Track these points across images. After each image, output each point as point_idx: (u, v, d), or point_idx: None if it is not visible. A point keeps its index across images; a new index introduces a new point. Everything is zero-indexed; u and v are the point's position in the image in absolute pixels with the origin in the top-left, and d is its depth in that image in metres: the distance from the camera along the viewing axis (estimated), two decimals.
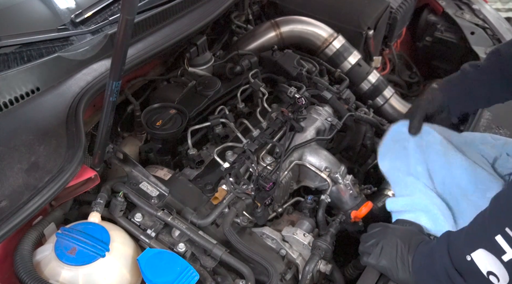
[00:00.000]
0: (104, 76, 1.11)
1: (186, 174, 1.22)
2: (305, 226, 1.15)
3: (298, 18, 1.75)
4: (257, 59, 1.59)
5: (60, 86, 1.07)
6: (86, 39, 1.20)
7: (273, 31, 1.71)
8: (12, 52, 1.08)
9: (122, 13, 0.74)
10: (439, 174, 1.11)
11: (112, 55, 0.81)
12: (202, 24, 1.40)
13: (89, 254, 0.87)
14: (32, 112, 0.99)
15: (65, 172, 0.89)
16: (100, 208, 0.98)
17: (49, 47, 1.14)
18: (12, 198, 0.84)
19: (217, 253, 0.99)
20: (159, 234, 1.02)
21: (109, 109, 0.88)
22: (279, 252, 1.11)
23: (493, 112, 1.44)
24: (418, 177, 1.11)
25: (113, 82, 0.84)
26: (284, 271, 1.07)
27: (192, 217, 1.05)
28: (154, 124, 1.20)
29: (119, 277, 0.90)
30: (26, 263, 0.83)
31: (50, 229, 0.94)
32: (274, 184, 1.17)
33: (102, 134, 0.93)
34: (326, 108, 1.45)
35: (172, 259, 0.93)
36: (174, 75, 1.48)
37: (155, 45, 1.26)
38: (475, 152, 1.17)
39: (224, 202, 1.10)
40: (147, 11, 1.30)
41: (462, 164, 1.11)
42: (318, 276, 1.11)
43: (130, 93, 1.33)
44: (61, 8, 1.27)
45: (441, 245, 0.85)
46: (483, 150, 1.17)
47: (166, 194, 1.08)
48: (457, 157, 1.13)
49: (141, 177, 1.10)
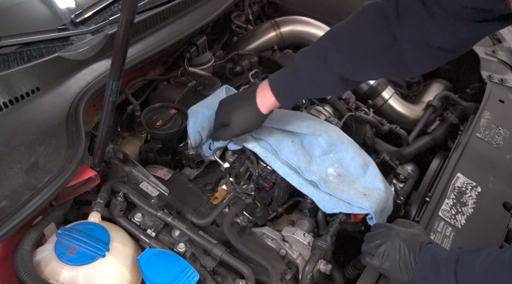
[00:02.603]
0: (104, 76, 1.10)
1: (186, 174, 1.22)
2: (305, 226, 1.15)
3: (298, 18, 1.75)
4: (257, 59, 1.59)
5: (60, 86, 1.07)
6: (86, 39, 1.20)
7: (273, 31, 1.71)
8: (12, 52, 1.08)
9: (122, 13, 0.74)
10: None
11: (112, 55, 0.81)
12: (202, 24, 1.40)
13: (89, 254, 0.87)
14: (32, 112, 0.99)
15: (65, 172, 0.89)
16: (100, 208, 0.98)
17: (49, 47, 1.14)
18: (12, 198, 0.84)
19: (217, 253, 0.99)
20: (159, 234, 1.02)
21: (109, 109, 0.88)
22: (279, 252, 1.11)
23: (493, 112, 1.44)
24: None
25: (113, 82, 0.83)
26: (284, 271, 1.07)
27: (192, 217, 1.05)
28: (154, 124, 1.20)
29: (119, 277, 0.90)
30: (26, 263, 0.83)
31: (50, 229, 0.94)
32: (274, 184, 1.17)
33: (102, 134, 0.93)
34: (326, 108, 1.45)
35: (172, 259, 0.93)
36: (174, 75, 1.48)
37: (155, 45, 1.26)
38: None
39: (224, 202, 1.10)
40: (147, 11, 1.30)
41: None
42: (318, 276, 1.11)
43: (130, 93, 1.33)
44: (61, 8, 1.27)
45: (448, 264, 0.83)
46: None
47: (166, 194, 1.08)
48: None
49: (141, 177, 1.10)
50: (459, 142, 1.35)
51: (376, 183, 1.17)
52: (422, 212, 1.12)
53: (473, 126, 1.38)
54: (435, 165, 1.41)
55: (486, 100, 1.49)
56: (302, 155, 1.16)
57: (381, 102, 1.70)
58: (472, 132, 1.36)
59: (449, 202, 1.14)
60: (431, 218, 1.09)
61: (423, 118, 1.67)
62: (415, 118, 1.70)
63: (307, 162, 1.16)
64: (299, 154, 1.16)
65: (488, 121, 1.41)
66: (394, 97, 1.72)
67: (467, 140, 1.33)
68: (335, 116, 1.43)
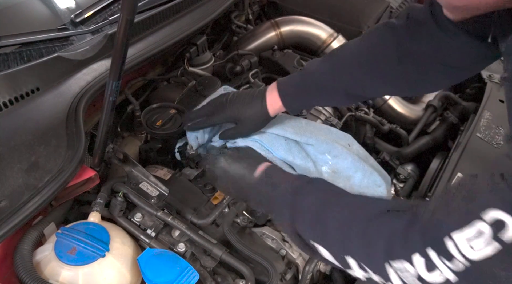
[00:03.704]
0: (104, 76, 1.10)
1: (186, 174, 1.22)
2: None
3: (298, 18, 1.75)
4: (257, 59, 1.59)
5: (60, 86, 1.07)
6: (86, 39, 1.20)
7: (273, 31, 1.71)
8: (12, 52, 1.08)
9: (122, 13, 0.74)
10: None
11: (112, 55, 0.81)
12: (202, 24, 1.40)
13: (89, 254, 0.87)
14: (32, 112, 0.99)
15: (65, 172, 0.89)
16: (100, 208, 0.98)
17: (49, 47, 1.14)
18: (12, 198, 0.84)
19: (217, 253, 0.99)
20: (159, 234, 1.02)
21: (109, 109, 0.88)
22: (279, 252, 1.11)
23: (493, 112, 1.44)
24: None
25: (113, 82, 0.84)
26: (284, 271, 1.07)
27: (192, 217, 1.05)
28: (154, 124, 1.20)
29: (119, 277, 0.90)
30: (26, 263, 0.83)
31: (50, 229, 0.94)
32: None
33: (102, 134, 0.93)
34: (326, 108, 1.45)
35: (172, 259, 0.93)
36: (174, 75, 1.48)
37: (155, 45, 1.26)
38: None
39: (224, 202, 1.10)
40: (147, 11, 1.30)
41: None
42: (318, 276, 1.11)
43: (130, 93, 1.33)
44: (61, 8, 1.27)
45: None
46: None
47: (166, 193, 1.08)
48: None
49: (141, 176, 1.10)
50: (459, 141, 1.35)
51: (373, 177, 1.16)
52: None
53: (473, 126, 1.38)
54: (435, 165, 1.41)
55: (486, 100, 1.48)
56: (297, 152, 1.16)
57: (381, 102, 1.70)
58: (472, 132, 1.35)
59: None
60: None
61: (423, 118, 1.67)
62: (415, 118, 1.70)
63: (303, 158, 1.15)
64: (293, 152, 1.16)
65: (488, 121, 1.40)
66: (394, 97, 1.72)
67: (467, 140, 1.33)
68: (335, 116, 1.43)
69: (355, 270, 0.69)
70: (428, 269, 0.58)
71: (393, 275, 0.63)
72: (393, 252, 0.62)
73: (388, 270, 0.63)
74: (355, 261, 0.68)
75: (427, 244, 0.58)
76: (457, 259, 0.55)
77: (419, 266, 0.59)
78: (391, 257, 0.62)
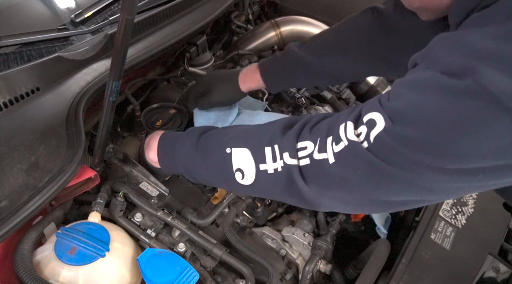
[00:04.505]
0: (104, 76, 1.10)
1: None
2: (305, 226, 1.15)
3: (298, 18, 1.75)
4: (257, 59, 1.59)
5: (60, 86, 1.07)
6: (86, 39, 1.20)
7: (273, 31, 1.71)
8: (12, 52, 1.08)
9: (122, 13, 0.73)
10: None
11: (112, 55, 0.81)
12: (202, 24, 1.40)
13: (89, 254, 0.87)
14: (32, 112, 0.99)
15: (65, 172, 0.89)
16: (100, 208, 0.98)
17: (49, 47, 1.13)
18: (12, 197, 0.84)
19: (217, 253, 0.99)
20: (159, 234, 1.02)
21: (109, 109, 0.88)
22: (279, 252, 1.11)
23: None
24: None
25: (113, 82, 0.83)
26: (284, 271, 1.07)
27: (192, 217, 1.05)
28: (154, 124, 1.20)
29: (119, 277, 0.90)
30: (26, 263, 0.83)
31: (50, 229, 0.94)
32: None
33: (102, 134, 0.93)
34: (326, 108, 1.45)
35: (172, 259, 0.93)
36: (174, 75, 1.48)
37: (155, 45, 1.26)
38: None
39: (224, 202, 1.10)
40: (147, 11, 1.30)
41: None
42: (318, 276, 1.11)
43: (130, 93, 1.33)
44: (61, 8, 1.27)
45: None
46: None
47: (166, 194, 1.08)
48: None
49: (141, 176, 1.10)
50: None
51: None
52: (422, 211, 1.12)
53: None
54: None
55: None
56: None
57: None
58: None
59: (449, 202, 1.14)
60: (432, 217, 1.09)
61: None
62: None
63: None
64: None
65: None
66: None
67: None
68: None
69: (267, 162, 0.76)
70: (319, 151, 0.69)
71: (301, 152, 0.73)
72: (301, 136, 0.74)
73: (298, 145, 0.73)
74: (271, 149, 0.76)
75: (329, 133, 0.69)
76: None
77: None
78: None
